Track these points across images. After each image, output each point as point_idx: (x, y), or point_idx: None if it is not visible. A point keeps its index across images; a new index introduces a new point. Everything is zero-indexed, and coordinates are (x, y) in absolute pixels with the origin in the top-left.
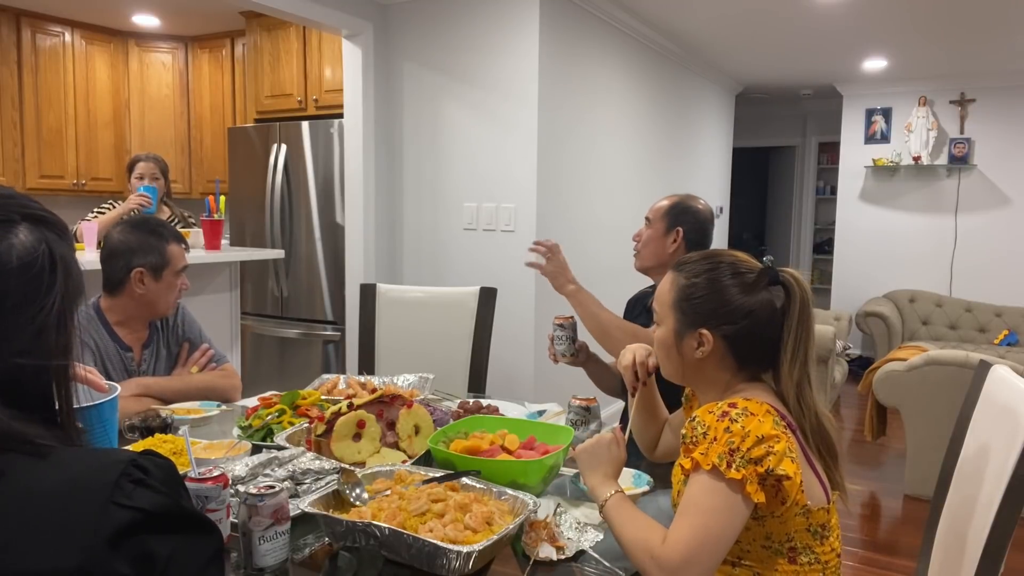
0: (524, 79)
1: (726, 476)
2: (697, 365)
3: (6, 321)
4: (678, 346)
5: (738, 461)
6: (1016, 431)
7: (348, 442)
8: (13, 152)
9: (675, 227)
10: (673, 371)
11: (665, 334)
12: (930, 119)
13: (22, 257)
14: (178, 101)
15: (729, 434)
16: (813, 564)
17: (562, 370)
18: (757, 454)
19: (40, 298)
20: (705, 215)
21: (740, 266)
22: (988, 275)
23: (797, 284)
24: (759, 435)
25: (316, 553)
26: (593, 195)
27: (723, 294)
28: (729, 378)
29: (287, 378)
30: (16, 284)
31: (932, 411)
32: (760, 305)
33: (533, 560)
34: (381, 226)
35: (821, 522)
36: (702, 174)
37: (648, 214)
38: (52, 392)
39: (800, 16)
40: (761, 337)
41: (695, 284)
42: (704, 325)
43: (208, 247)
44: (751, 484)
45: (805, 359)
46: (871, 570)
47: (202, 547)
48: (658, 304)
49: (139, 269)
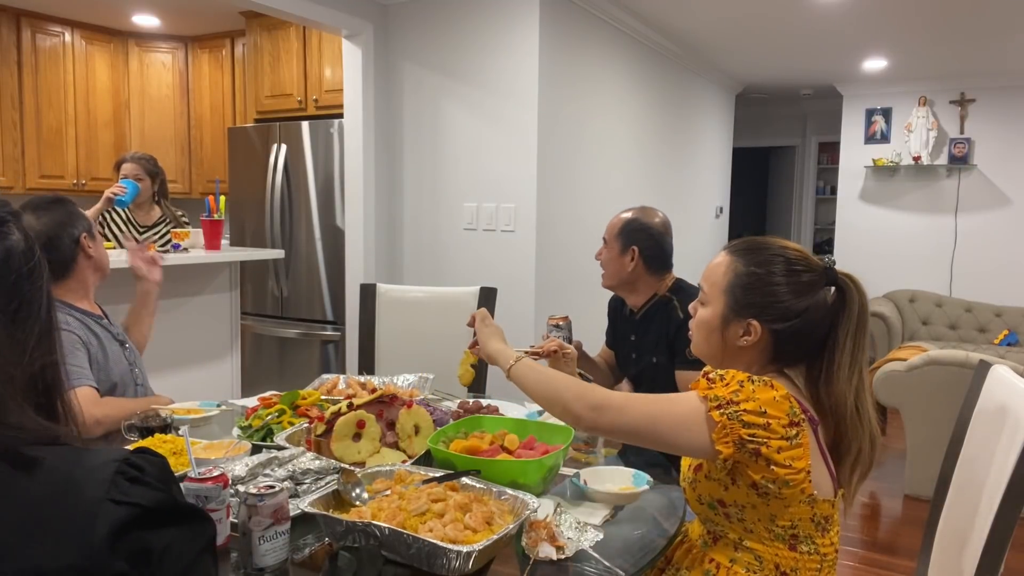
0: (524, 79)
1: (708, 411)
2: (737, 352)
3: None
4: (722, 329)
5: (728, 411)
6: (1016, 431)
7: (348, 442)
8: (13, 152)
9: (630, 246)
10: (708, 352)
11: (710, 316)
12: (930, 119)
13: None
14: (178, 101)
15: (740, 388)
16: (812, 554)
17: None
18: (748, 419)
19: (41, 296)
20: (659, 229)
21: (801, 263)
22: (988, 275)
23: (856, 288)
24: (761, 406)
25: (316, 553)
26: (593, 195)
27: (780, 290)
28: (760, 367)
29: (287, 378)
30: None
31: (932, 411)
32: (815, 305)
33: (533, 560)
34: (381, 226)
35: (825, 514)
36: (702, 174)
37: (604, 233)
38: (56, 387)
39: (800, 16)
40: (808, 337)
41: (754, 274)
42: (755, 316)
43: (208, 247)
44: (721, 434)
45: (863, 367)
46: (871, 570)
47: (195, 537)
48: (708, 284)
49: (83, 235)
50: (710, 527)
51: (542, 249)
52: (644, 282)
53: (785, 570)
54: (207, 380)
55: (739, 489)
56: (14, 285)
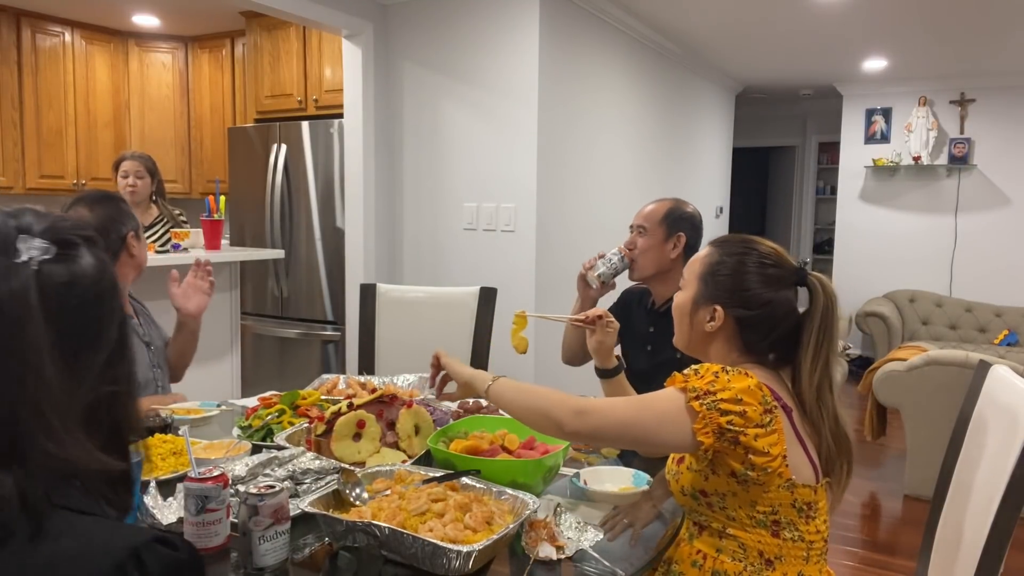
0: (524, 79)
1: (687, 402)
2: (705, 337)
3: (90, 350)
4: (692, 314)
5: (707, 401)
6: (1016, 431)
7: (348, 442)
8: (13, 152)
9: (675, 233)
10: (682, 337)
11: (684, 300)
12: (930, 119)
13: (96, 282)
14: (178, 101)
15: (715, 378)
16: (797, 541)
17: (562, 370)
18: (725, 407)
19: (110, 323)
20: (699, 219)
21: (772, 258)
22: (988, 275)
23: (823, 290)
24: (737, 395)
25: (316, 553)
26: (593, 195)
27: (746, 279)
28: (735, 358)
29: (287, 378)
30: (93, 312)
31: (932, 411)
32: (780, 301)
33: (533, 560)
34: (381, 226)
35: (807, 500)
36: (702, 174)
37: (640, 222)
38: (124, 420)
39: (800, 16)
40: (774, 330)
41: (724, 263)
42: (719, 302)
43: (208, 247)
44: (702, 424)
45: (826, 363)
46: (871, 570)
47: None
48: (687, 271)
49: (130, 234)
50: (695, 518)
51: (542, 249)
52: (678, 272)
53: (769, 557)
54: (207, 380)
55: (719, 478)
56: (78, 310)
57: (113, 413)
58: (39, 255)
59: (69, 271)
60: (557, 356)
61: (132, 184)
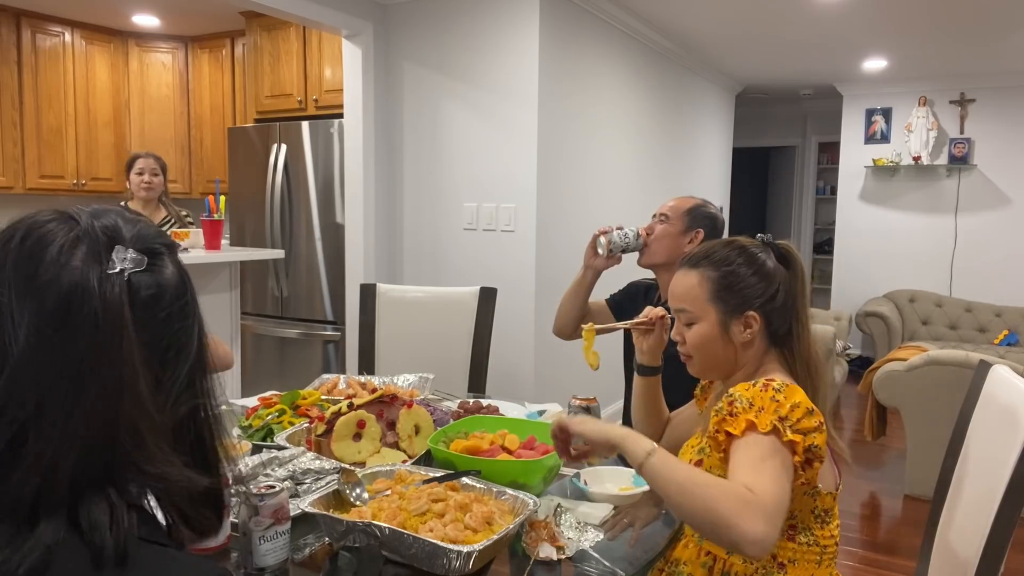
0: (524, 79)
1: (783, 438)
2: (739, 350)
3: (175, 363)
4: (722, 336)
5: (790, 429)
6: (1016, 431)
7: (348, 442)
8: (13, 152)
9: (695, 228)
10: (716, 364)
11: (707, 329)
12: (930, 119)
13: (180, 293)
14: (178, 101)
15: (776, 403)
16: (812, 546)
17: (563, 370)
18: (805, 425)
19: (192, 336)
20: (722, 223)
21: (751, 247)
22: (988, 275)
23: (794, 253)
24: (808, 407)
25: (316, 553)
26: (593, 195)
27: (754, 275)
28: (760, 357)
29: (287, 378)
30: (178, 324)
31: (932, 411)
32: (781, 276)
33: (533, 560)
34: (381, 226)
35: (826, 507)
36: (702, 174)
37: (664, 210)
38: (209, 434)
39: (800, 16)
40: (786, 306)
41: (734, 272)
42: (749, 307)
43: (208, 247)
44: (799, 451)
45: (806, 317)
46: (871, 570)
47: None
48: (688, 304)
49: None
50: None
51: (542, 249)
52: None
53: (783, 561)
54: None
55: None
56: (164, 323)
57: (197, 427)
58: (132, 267)
59: (156, 282)
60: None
61: (148, 181)
